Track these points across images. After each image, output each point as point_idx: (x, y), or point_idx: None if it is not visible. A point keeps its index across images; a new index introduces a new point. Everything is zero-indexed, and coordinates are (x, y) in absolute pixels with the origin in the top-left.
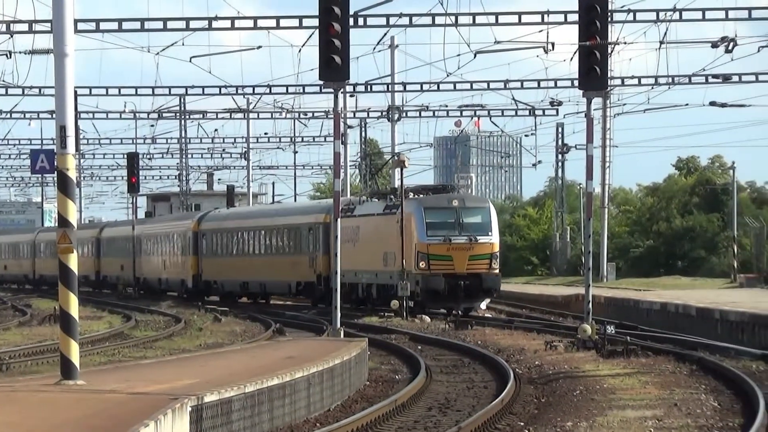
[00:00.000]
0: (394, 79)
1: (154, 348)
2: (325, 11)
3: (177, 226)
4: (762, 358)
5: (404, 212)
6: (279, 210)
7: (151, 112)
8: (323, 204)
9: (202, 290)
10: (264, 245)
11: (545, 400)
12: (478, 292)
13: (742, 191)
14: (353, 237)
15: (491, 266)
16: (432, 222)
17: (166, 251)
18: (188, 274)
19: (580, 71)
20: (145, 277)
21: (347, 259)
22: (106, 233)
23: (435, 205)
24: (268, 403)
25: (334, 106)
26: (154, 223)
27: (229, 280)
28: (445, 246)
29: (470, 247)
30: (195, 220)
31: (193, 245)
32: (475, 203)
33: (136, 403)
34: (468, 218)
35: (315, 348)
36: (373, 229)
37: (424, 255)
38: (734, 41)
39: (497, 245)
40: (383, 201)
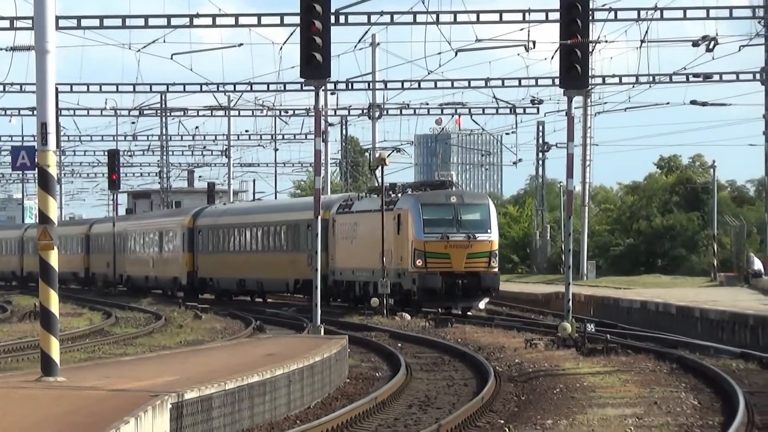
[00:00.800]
0: (375, 77)
1: (134, 345)
2: (306, 9)
3: (169, 222)
4: (741, 357)
5: (401, 209)
6: (277, 206)
7: (132, 109)
8: (323, 200)
9: (197, 288)
10: (261, 242)
11: (525, 398)
12: (477, 292)
13: (723, 190)
14: (351, 234)
15: (490, 264)
16: (429, 219)
17: (157, 248)
18: (182, 271)
19: (560, 70)
20: (129, 274)
21: (345, 256)
22: (96, 230)
23: (432, 202)
24: (248, 400)
25: (315, 103)
26: (144, 219)
27: (226, 277)
28: (443, 243)
29: (468, 245)
30: (190, 216)
31: (189, 242)
32: (473, 200)
33: (116, 400)
34: (466, 215)
35: (295, 345)
36: (370, 226)
37: (420, 253)
38: (715, 40)
39: (496, 243)
40: (379, 197)
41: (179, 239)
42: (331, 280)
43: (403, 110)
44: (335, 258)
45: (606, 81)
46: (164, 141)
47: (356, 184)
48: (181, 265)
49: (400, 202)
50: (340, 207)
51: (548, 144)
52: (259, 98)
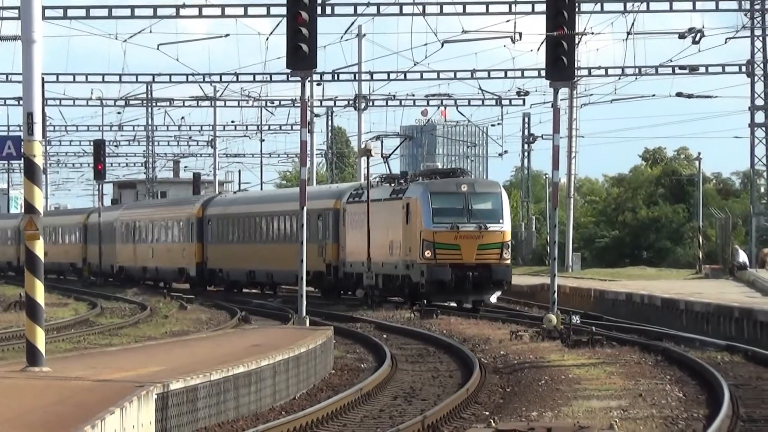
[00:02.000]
0: (361, 68)
1: (119, 335)
2: (293, 0)
3: (176, 211)
4: (727, 349)
5: (410, 197)
6: (286, 195)
7: (118, 100)
8: (334, 188)
9: (207, 280)
10: (272, 232)
11: (510, 390)
12: (488, 284)
13: (708, 182)
14: (361, 224)
15: (502, 256)
16: (439, 208)
17: (158, 237)
18: (191, 262)
19: (547, 61)
20: (121, 265)
21: (355, 248)
22: (93, 219)
23: (442, 190)
24: (233, 390)
25: (301, 94)
26: (143, 208)
27: (235, 269)
28: (453, 234)
29: (479, 236)
30: (199, 204)
31: (198, 231)
32: (485, 188)
33: (102, 391)
34: (477, 204)
35: (281, 336)
36: (379, 216)
37: (429, 243)
38: (701, 32)
39: (509, 234)
40: (390, 185)
41: (187, 229)
42: (341, 272)
43: (389, 101)
44: (345, 249)
45: (592, 73)
46: (150, 131)
47: (342, 175)
48: (189, 255)
49: (408, 190)
50: (351, 196)
51: (534, 135)
52: (245, 89)
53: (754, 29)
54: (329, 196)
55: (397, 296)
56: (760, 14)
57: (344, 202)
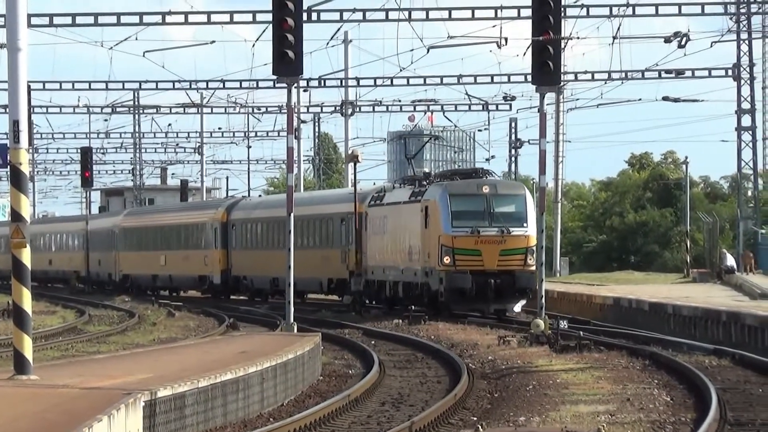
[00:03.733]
0: (347, 74)
1: (107, 343)
2: (278, 6)
3: (198, 216)
4: (714, 353)
5: (428, 200)
6: (312, 198)
7: (105, 107)
8: (358, 192)
9: (232, 288)
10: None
11: (498, 395)
12: (512, 293)
13: (696, 186)
14: (381, 229)
15: (526, 262)
16: (458, 211)
17: (174, 244)
18: (214, 269)
19: (533, 66)
20: (125, 273)
21: (375, 253)
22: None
23: (462, 192)
24: (221, 397)
25: (288, 100)
26: (151, 213)
27: (259, 276)
28: (473, 239)
29: (502, 240)
30: (223, 209)
31: (222, 237)
32: (508, 190)
33: (90, 398)
34: (500, 207)
35: (268, 343)
36: (398, 220)
37: (448, 249)
38: (687, 36)
39: (533, 238)
40: (411, 187)
41: (211, 235)
42: (364, 279)
43: (375, 107)
44: (368, 255)
45: (578, 77)
46: (137, 138)
47: (329, 181)
48: (212, 262)
49: (427, 192)
50: (372, 199)
51: (521, 140)
52: (231, 95)
53: (740, 33)
54: (353, 200)
55: (416, 305)
56: (746, 18)
57: (366, 205)
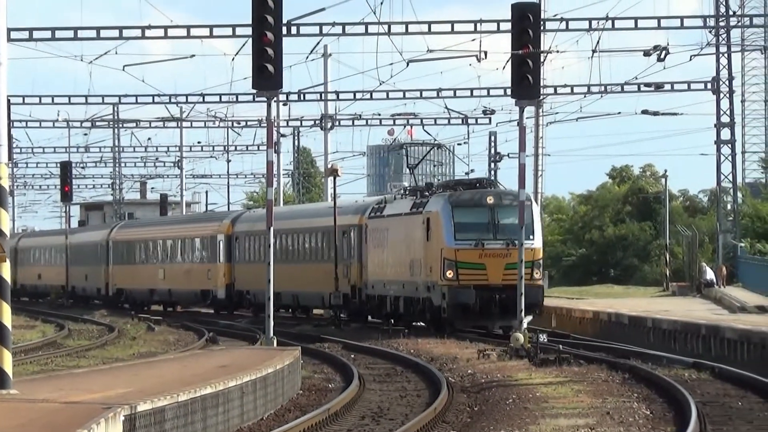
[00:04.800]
0: (327, 87)
1: (87, 357)
2: (258, 20)
3: (196, 228)
4: (694, 366)
5: (430, 211)
6: (315, 210)
7: (85, 121)
8: (360, 203)
9: (236, 302)
10: (297, 251)
11: (478, 409)
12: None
13: (675, 200)
14: (382, 242)
15: (533, 276)
16: (462, 223)
17: (173, 257)
18: (218, 283)
19: (512, 80)
20: (119, 287)
21: (376, 267)
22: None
23: (465, 203)
24: (201, 412)
25: (267, 114)
26: (148, 226)
27: (263, 290)
28: (477, 252)
29: (507, 254)
30: (228, 221)
31: (226, 250)
32: (514, 200)
33: (70, 412)
34: (505, 219)
35: (248, 357)
36: (399, 232)
37: (451, 262)
38: (666, 50)
39: (540, 251)
40: (412, 198)
41: (215, 248)
42: (364, 294)
43: (355, 121)
44: (368, 269)
45: (557, 91)
46: (117, 153)
47: (309, 195)
48: (216, 276)
49: (429, 203)
50: (373, 210)
51: (500, 154)
52: (211, 109)
53: (719, 46)
54: (355, 212)
55: (418, 321)
56: (725, 31)
57: (366, 217)
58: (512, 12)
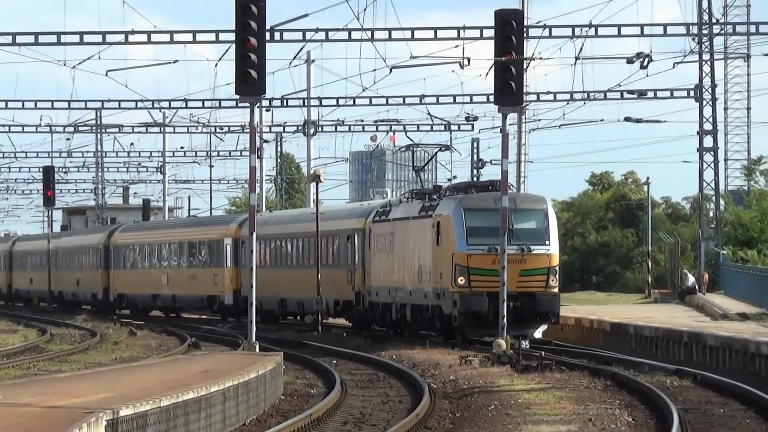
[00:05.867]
0: (310, 93)
1: (69, 362)
2: (241, 26)
3: (203, 232)
4: (676, 373)
5: (440, 215)
6: (321, 214)
7: (67, 126)
8: (365, 206)
9: (242, 309)
10: (301, 255)
11: (460, 415)
12: (532, 317)
13: (657, 207)
14: (387, 246)
15: (549, 283)
16: (474, 227)
17: (178, 262)
18: (226, 289)
19: (495, 86)
20: (120, 293)
21: (382, 273)
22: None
23: (478, 206)
24: (183, 417)
25: (250, 120)
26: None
27: (269, 296)
28: (490, 257)
29: (522, 259)
30: (236, 225)
31: (233, 255)
32: (529, 204)
33: (52, 417)
34: (520, 222)
35: (230, 362)
36: (406, 237)
37: (463, 269)
38: (649, 57)
39: (557, 257)
40: (420, 202)
41: (221, 252)
42: (367, 301)
43: (338, 127)
44: (372, 275)
45: (540, 98)
46: (99, 158)
47: (291, 201)
48: (222, 282)
49: (439, 207)
50: (377, 214)
51: (483, 161)
52: (194, 115)
53: (702, 54)
54: (360, 215)
55: (427, 330)
56: (708, 39)
57: (370, 221)
58: (495, 19)
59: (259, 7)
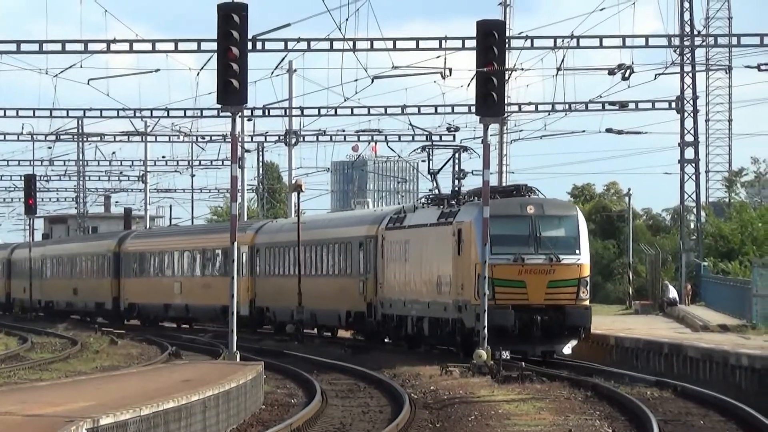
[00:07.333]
0: (291, 103)
1: (50, 370)
2: (223, 35)
3: (216, 240)
4: (656, 385)
5: (462, 222)
6: (332, 220)
7: (49, 135)
8: (378, 213)
9: (257, 320)
10: (314, 264)
11: (440, 425)
12: (561, 331)
13: (638, 218)
14: (402, 255)
15: (579, 296)
16: (499, 235)
17: (191, 271)
18: (242, 299)
19: (477, 97)
20: (131, 302)
21: (395, 284)
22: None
23: (503, 213)
24: (163, 426)
25: (232, 129)
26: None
27: (282, 307)
28: (517, 268)
29: (550, 270)
30: (253, 232)
31: (249, 263)
32: (557, 210)
33: (33, 426)
34: (548, 231)
35: (211, 371)
36: (424, 245)
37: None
38: (631, 69)
39: (588, 267)
40: (439, 208)
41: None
42: (380, 313)
43: (319, 137)
44: (384, 286)
45: (522, 109)
46: (81, 166)
47: (273, 210)
48: (239, 291)
49: (460, 213)
50: (391, 221)
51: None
52: (175, 124)
53: (684, 65)
54: (372, 222)
55: (446, 345)
56: (690, 51)
57: (382, 228)
58: (477, 29)
59: (241, 17)
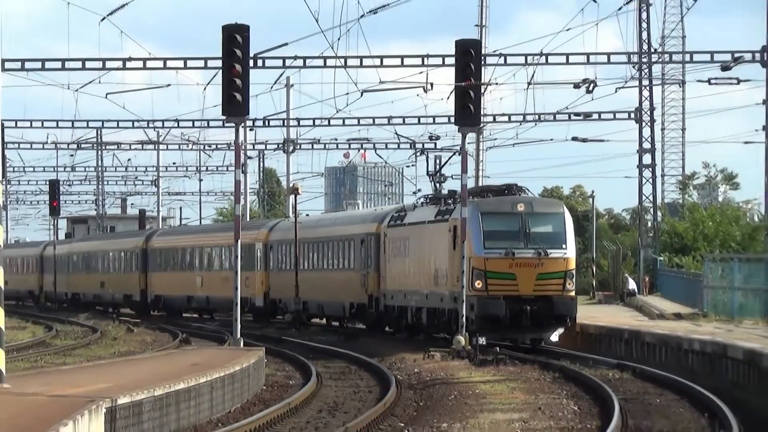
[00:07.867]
0: (289, 114)
1: (72, 355)
2: (228, 53)
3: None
4: (617, 367)
5: (457, 219)
6: (336, 219)
7: (71, 143)
8: (379, 211)
9: (270, 311)
10: (320, 259)
11: (423, 404)
12: (549, 320)
13: (601, 218)
14: (402, 251)
15: (565, 287)
16: (491, 231)
17: (211, 265)
18: (256, 291)
19: (456, 109)
20: (157, 294)
21: (396, 277)
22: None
23: (495, 210)
24: (175, 405)
25: (235, 138)
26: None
27: (292, 299)
28: (508, 261)
29: (539, 263)
30: (266, 229)
31: (263, 258)
32: (546, 208)
33: (57, 405)
34: (537, 227)
35: (217, 356)
36: (422, 241)
37: (480, 272)
38: (594, 83)
39: (574, 261)
40: (436, 206)
41: (252, 256)
42: (382, 304)
43: (314, 145)
44: (386, 279)
45: (496, 119)
46: (100, 172)
47: (273, 211)
48: (253, 284)
49: (456, 211)
50: (392, 219)
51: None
52: (185, 134)
53: (642, 80)
54: (374, 220)
55: (443, 333)
56: (647, 66)
57: (384, 225)
58: (456, 48)
59: (244, 37)
